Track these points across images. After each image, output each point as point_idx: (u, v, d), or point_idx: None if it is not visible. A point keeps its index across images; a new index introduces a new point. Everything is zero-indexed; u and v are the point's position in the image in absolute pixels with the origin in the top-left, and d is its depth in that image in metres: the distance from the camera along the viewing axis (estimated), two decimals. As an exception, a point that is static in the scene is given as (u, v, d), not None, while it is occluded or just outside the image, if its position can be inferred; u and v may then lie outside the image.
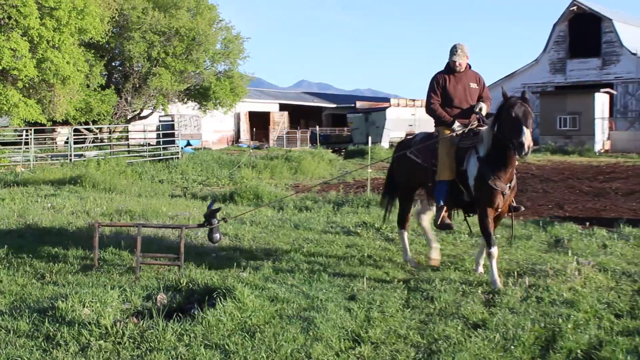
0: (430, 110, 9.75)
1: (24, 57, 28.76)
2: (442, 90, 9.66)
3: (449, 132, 9.43)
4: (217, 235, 9.96)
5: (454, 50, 9.61)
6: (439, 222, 9.50)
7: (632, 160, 36.15)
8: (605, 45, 57.94)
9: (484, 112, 9.53)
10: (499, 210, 9.10)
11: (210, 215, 9.87)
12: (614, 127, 52.08)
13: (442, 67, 9.94)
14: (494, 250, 8.72)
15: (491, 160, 8.76)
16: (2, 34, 28.73)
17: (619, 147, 44.31)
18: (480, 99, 9.73)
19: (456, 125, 9.42)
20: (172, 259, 9.81)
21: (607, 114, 49.15)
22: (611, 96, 53.10)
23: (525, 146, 8.14)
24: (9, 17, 28.53)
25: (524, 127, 8.25)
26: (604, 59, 57.96)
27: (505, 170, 8.78)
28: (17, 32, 28.81)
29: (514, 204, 9.44)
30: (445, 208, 9.49)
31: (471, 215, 9.73)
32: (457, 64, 9.60)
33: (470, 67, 9.84)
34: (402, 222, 10.42)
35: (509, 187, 8.89)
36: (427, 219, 10.47)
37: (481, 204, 8.97)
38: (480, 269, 9.51)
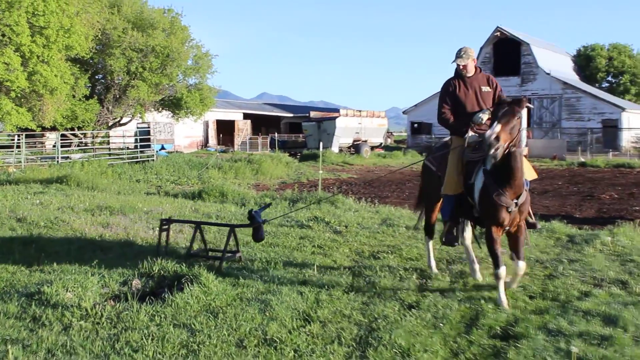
0: (442, 120, 8.37)
1: (16, 70, 28.43)
2: (453, 97, 8.12)
3: (462, 142, 7.99)
4: (261, 234, 9.30)
5: (458, 53, 8.06)
6: (443, 238, 8.21)
7: (546, 165, 36.74)
8: (524, 65, 58.76)
9: (483, 120, 7.77)
10: (507, 228, 7.49)
11: (254, 216, 9.25)
12: (531, 136, 52.87)
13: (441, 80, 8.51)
14: (500, 272, 7.29)
15: (496, 172, 7.26)
16: (-3, 49, 28.36)
17: (535, 153, 44.92)
18: (495, 102, 7.84)
19: (469, 135, 7.89)
20: (230, 252, 9.36)
21: (525, 125, 49.84)
22: (529, 109, 53.87)
23: (490, 138, 6.78)
24: (3, 35, 28.16)
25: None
26: (522, 78, 58.77)
27: (511, 184, 7.19)
28: (10, 48, 28.46)
29: (532, 219, 8.08)
30: (451, 223, 8.15)
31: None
32: (462, 67, 8.05)
33: (480, 70, 8.32)
34: (427, 231, 8.98)
35: (516, 203, 7.27)
36: (468, 236, 8.85)
37: (486, 221, 7.59)
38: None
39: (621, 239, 10.59)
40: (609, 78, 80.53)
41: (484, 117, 7.76)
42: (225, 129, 65.73)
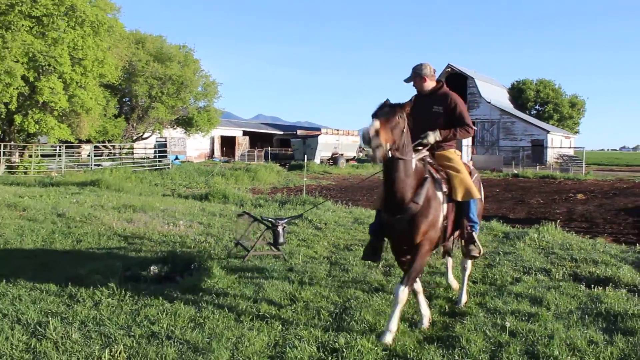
0: None
1: (59, 94, 28.26)
2: (410, 115, 5.70)
3: None
4: (281, 239, 8.71)
5: (413, 69, 6.29)
6: (362, 255, 6.24)
7: (486, 175, 36.95)
8: (469, 95, 59.10)
9: (429, 140, 5.92)
10: (402, 247, 5.71)
11: (277, 221, 8.72)
12: (475, 152, 53.18)
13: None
14: (397, 294, 5.36)
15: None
16: (44, 76, 28.19)
17: (478, 166, 45.05)
18: (448, 124, 6.11)
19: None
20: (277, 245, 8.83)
21: (470, 143, 50.13)
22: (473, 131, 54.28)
23: (369, 131, 4.99)
24: (49, 65, 27.99)
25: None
26: (468, 105, 59.00)
27: (388, 196, 5.44)
28: (54, 75, 28.29)
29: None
30: (372, 238, 6.09)
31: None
32: (415, 84, 6.29)
33: (440, 87, 6.36)
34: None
35: (398, 219, 5.40)
36: (449, 262, 7.39)
37: None
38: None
39: (545, 236, 10.65)
40: (537, 107, 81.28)
41: (431, 139, 5.92)
42: (228, 143, 65.57)
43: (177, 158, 44.74)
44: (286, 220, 8.85)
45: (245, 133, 70.11)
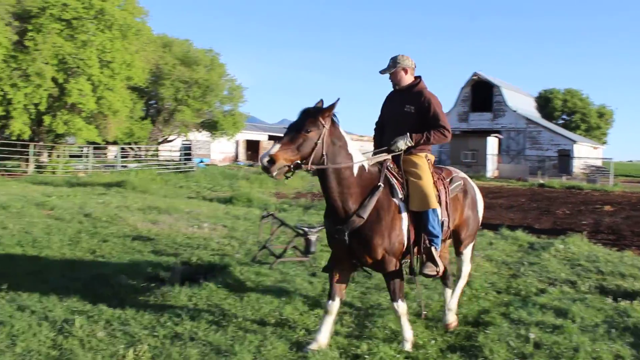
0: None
1: (87, 95, 28.65)
2: (382, 111, 5.92)
3: None
4: (313, 249, 8.82)
5: (391, 59, 5.63)
6: (323, 268, 5.98)
7: (512, 185, 36.63)
8: (495, 104, 58.65)
9: (399, 147, 5.36)
10: (349, 260, 5.36)
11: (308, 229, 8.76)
12: (501, 161, 52.74)
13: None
14: (396, 310, 5.28)
15: None
16: (73, 78, 28.61)
17: (503, 175, 44.85)
18: (421, 126, 5.45)
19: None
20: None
21: (496, 152, 49.78)
22: (499, 139, 53.86)
23: (262, 160, 4.70)
24: (78, 67, 28.42)
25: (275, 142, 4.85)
26: (494, 114, 58.64)
27: (328, 205, 5.13)
28: (83, 77, 28.68)
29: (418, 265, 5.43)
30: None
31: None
32: (392, 76, 5.64)
33: (418, 83, 5.62)
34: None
35: (340, 229, 5.04)
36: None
37: None
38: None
39: (571, 247, 10.53)
40: (564, 116, 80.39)
41: (401, 145, 5.39)
42: (252, 147, 65.81)
43: (201, 161, 45.06)
44: (318, 229, 8.84)
45: (270, 137, 70.26)
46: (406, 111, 5.54)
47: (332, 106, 4.94)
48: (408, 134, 5.42)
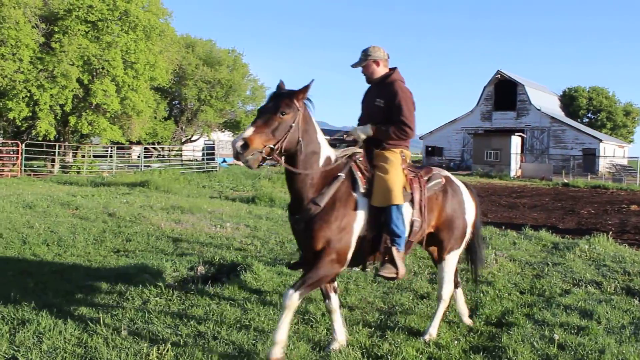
0: None
1: (111, 96, 29.00)
2: (361, 106, 5.65)
3: None
4: None
5: (362, 52, 5.37)
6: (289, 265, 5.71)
7: (535, 184, 36.28)
8: (519, 102, 58.18)
9: (356, 135, 5.26)
10: (307, 253, 4.96)
11: None
12: (524, 160, 52.28)
13: None
14: (285, 298, 4.68)
15: None
16: (97, 79, 28.96)
17: (527, 174, 44.41)
18: (388, 120, 5.15)
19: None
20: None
21: (519, 151, 49.32)
22: (523, 138, 53.39)
23: (235, 145, 4.41)
24: (102, 68, 28.76)
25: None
26: (518, 112, 58.18)
27: (290, 194, 4.92)
28: (108, 78, 29.03)
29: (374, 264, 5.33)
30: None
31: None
32: (364, 70, 5.38)
33: (390, 75, 5.32)
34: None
35: (297, 218, 4.84)
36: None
37: None
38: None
39: (597, 247, 10.39)
40: (589, 115, 79.52)
41: (362, 135, 5.23)
42: (275, 147, 65.96)
43: (224, 161, 45.31)
44: None
45: (291, 137, 70.36)
46: (376, 105, 5.31)
47: (306, 88, 4.66)
48: (369, 125, 5.23)
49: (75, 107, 29.61)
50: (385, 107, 5.22)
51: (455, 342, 5.47)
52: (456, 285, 6.05)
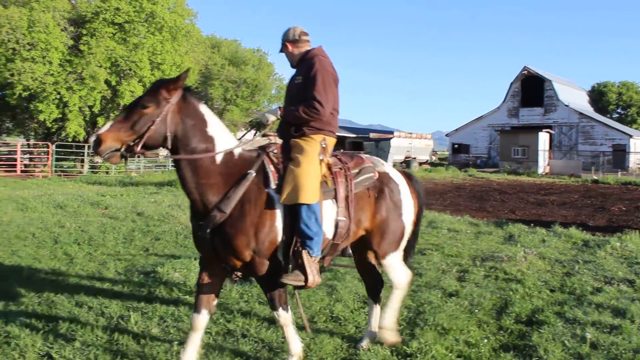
0: None
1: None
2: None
3: None
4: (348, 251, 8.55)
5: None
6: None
7: (564, 181, 35.78)
8: (546, 98, 57.44)
9: (265, 120, 4.81)
10: (219, 263, 4.49)
11: None
12: (552, 157, 51.62)
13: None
14: (278, 319, 4.54)
15: None
16: (125, 80, 29.31)
17: (555, 171, 43.82)
18: (306, 99, 4.53)
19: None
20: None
21: (547, 147, 48.71)
22: (550, 135, 52.70)
23: (90, 141, 4.16)
24: (130, 69, 29.09)
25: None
26: (545, 108, 57.45)
27: (187, 196, 4.36)
28: (135, 79, 29.38)
29: (293, 279, 4.40)
30: None
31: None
32: (286, 55, 4.92)
33: (309, 51, 4.79)
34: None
35: (200, 225, 4.30)
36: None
37: None
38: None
39: (628, 245, 10.21)
40: (619, 110, 78.20)
41: (270, 117, 4.78)
42: (301, 145, 66.02)
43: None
44: None
45: (317, 136, 70.38)
46: (296, 83, 4.74)
47: (178, 78, 4.17)
48: (278, 108, 4.73)
49: (103, 108, 29.99)
50: (302, 84, 4.64)
51: (485, 340, 5.43)
52: (375, 300, 5.37)
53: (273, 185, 4.36)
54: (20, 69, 26.22)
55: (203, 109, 4.34)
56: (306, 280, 4.37)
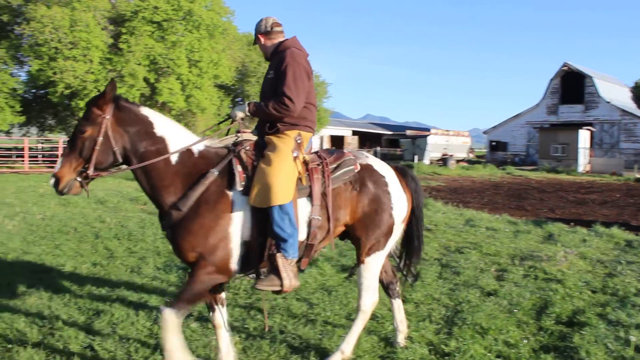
0: None
1: (176, 94, 29.72)
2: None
3: None
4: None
5: None
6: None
7: (605, 179, 35.06)
8: (587, 95, 56.30)
9: (234, 116, 4.51)
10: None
11: None
12: (593, 155, 50.61)
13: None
14: (161, 315, 4.12)
15: None
16: (163, 78, 29.69)
17: (596, 169, 42.99)
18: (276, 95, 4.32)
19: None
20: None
21: (588, 145, 47.79)
22: (591, 132, 51.67)
23: (50, 182, 4.15)
24: (168, 67, 29.45)
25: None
26: (586, 105, 56.31)
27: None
28: (173, 77, 29.75)
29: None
30: None
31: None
32: (260, 47, 4.70)
33: (281, 42, 4.55)
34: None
35: (163, 225, 4.27)
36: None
37: None
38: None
39: (674, 245, 9.96)
40: (663, 107, 76.22)
41: (239, 114, 4.48)
42: (337, 143, 66.06)
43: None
44: None
45: (354, 133, 70.42)
46: (269, 78, 4.51)
47: (105, 92, 4.05)
48: (247, 103, 4.49)
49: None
50: (275, 79, 4.40)
51: (525, 340, 5.36)
52: (393, 295, 5.23)
53: (239, 187, 4.17)
54: (63, 68, 26.80)
55: (145, 111, 4.24)
56: (282, 284, 4.18)
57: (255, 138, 4.54)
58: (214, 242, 4.06)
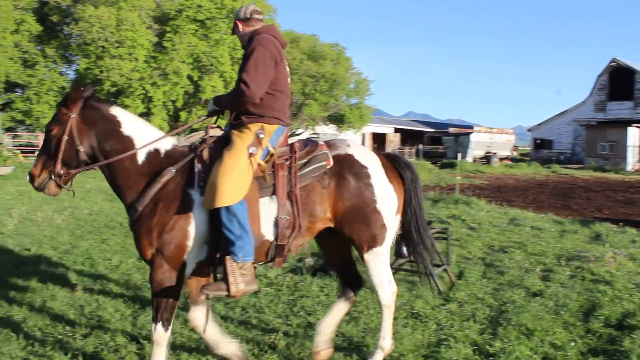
0: None
1: (219, 92, 30.01)
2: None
3: None
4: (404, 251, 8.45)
5: None
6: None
7: (655, 178, 34.15)
8: (637, 91, 54.78)
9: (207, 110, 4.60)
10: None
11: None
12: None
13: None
14: (152, 333, 4.19)
15: None
16: (206, 76, 30.06)
17: (644, 167, 41.90)
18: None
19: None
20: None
21: (637, 143, 46.53)
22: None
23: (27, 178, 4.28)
24: (211, 65, 29.80)
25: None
26: (635, 102, 54.79)
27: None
28: (216, 74, 30.07)
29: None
30: None
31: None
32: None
33: (256, 28, 4.38)
34: None
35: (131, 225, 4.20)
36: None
37: None
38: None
39: None
40: None
41: (209, 108, 4.56)
42: (379, 140, 65.75)
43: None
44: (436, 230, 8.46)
45: (396, 130, 70.02)
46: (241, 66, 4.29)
47: (72, 92, 4.12)
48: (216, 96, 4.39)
49: (185, 103, 30.87)
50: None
51: (572, 343, 5.25)
52: (345, 298, 4.92)
53: (197, 187, 4.06)
54: (109, 66, 27.36)
55: (114, 110, 4.25)
56: (228, 289, 3.97)
57: (219, 133, 4.36)
58: (168, 240, 4.00)
